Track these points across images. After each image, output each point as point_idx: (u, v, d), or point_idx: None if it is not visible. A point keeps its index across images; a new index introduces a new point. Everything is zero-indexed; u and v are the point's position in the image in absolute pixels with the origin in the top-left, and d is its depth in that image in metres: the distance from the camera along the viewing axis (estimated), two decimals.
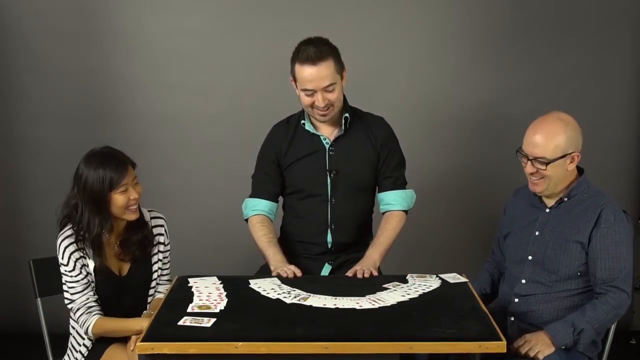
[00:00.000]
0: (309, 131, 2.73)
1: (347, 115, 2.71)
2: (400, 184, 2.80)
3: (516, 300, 2.46)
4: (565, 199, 2.44)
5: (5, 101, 3.80)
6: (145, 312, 2.48)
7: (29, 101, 3.78)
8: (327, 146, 2.72)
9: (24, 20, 3.69)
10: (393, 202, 2.78)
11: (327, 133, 2.73)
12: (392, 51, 3.78)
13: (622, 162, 3.89)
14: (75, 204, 2.39)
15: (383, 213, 2.81)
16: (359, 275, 2.52)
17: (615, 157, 3.88)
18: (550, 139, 2.34)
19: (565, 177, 2.42)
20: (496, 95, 3.78)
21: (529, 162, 2.39)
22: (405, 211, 2.81)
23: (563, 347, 2.31)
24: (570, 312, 2.37)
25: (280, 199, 2.86)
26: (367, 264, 2.60)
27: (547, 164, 2.35)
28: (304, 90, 2.59)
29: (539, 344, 2.29)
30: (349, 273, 2.57)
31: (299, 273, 2.50)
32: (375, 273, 2.56)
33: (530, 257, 2.47)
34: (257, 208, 2.78)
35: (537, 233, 2.47)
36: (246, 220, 2.82)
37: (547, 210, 2.48)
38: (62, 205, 2.43)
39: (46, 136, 3.80)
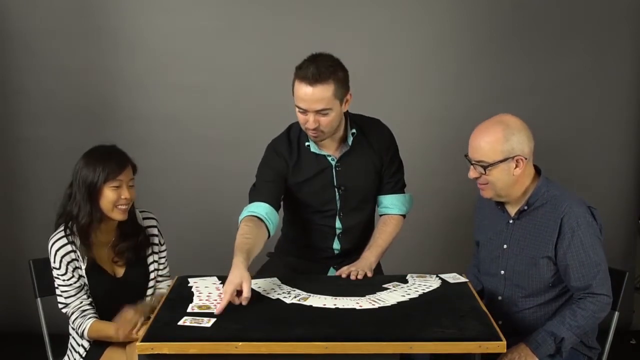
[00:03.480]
0: (314, 152, 2.64)
1: (354, 131, 2.64)
2: (399, 188, 2.76)
3: (500, 322, 2.35)
4: (526, 208, 2.37)
5: (5, 101, 3.79)
6: (147, 299, 2.50)
7: (29, 101, 3.78)
8: (333, 163, 2.65)
9: (24, 20, 3.69)
10: (391, 205, 2.74)
11: (332, 151, 2.64)
12: (392, 51, 3.77)
13: (622, 162, 3.89)
14: (70, 193, 2.42)
15: (380, 215, 2.80)
16: (352, 277, 2.49)
17: (615, 157, 3.87)
18: (489, 142, 2.27)
19: (515, 182, 2.32)
20: (496, 95, 3.78)
21: (472, 166, 2.33)
22: (403, 215, 2.77)
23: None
24: (554, 312, 2.33)
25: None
26: (363, 266, 2.54)
27: (486, 167, 2.28)
28: (297, 107, 2.48)
29: (522, 358, 2.26)
30: (343, 274, 2.52)
31: (237, 302, 2.17)
32: (370, 274, 2.52)
33: (502, 272, 2.44)
34: (251, 210, 2.55)
35: (505, 246, 2.43)
36: None
37: (510, 222, 2.42)
38: (61, 202, 2.45)
39: (46, 136, 3.79)
